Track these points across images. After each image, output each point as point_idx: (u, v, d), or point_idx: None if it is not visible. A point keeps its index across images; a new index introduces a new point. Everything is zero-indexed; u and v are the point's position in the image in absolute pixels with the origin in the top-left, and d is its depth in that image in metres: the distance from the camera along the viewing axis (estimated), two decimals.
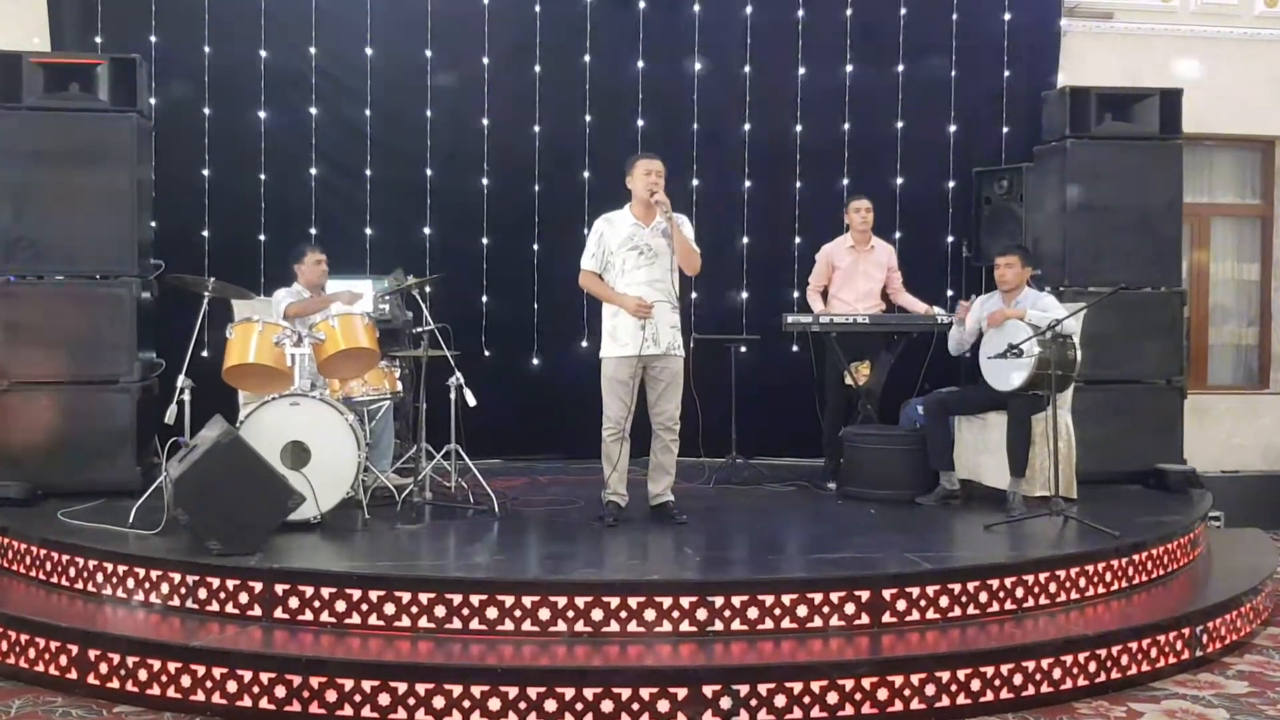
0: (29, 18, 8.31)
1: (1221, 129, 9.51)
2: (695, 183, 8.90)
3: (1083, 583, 5.65)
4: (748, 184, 9.03)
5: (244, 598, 5.22)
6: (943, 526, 6.59)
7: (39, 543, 5.93)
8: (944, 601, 5.27)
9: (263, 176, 8.59)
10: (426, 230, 8.77)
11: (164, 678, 4.82)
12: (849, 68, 9.02)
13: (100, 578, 5.57)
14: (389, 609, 5.06)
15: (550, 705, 4.56)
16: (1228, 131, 9.60)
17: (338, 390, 6.76)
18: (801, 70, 8.99)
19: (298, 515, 5.87)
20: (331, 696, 4.63)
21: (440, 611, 5.03)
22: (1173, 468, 7.78)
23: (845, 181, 8.98)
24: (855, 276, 7.98)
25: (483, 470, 6.95)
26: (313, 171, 8.65)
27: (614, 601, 5.01)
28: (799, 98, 9.01)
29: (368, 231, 8.72)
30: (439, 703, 4.58)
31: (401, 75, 8.74)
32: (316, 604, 5.12)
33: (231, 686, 4.72)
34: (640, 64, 8.90)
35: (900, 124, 9.04)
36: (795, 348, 8.82)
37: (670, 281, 6.37)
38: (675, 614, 5.03)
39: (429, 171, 8.77)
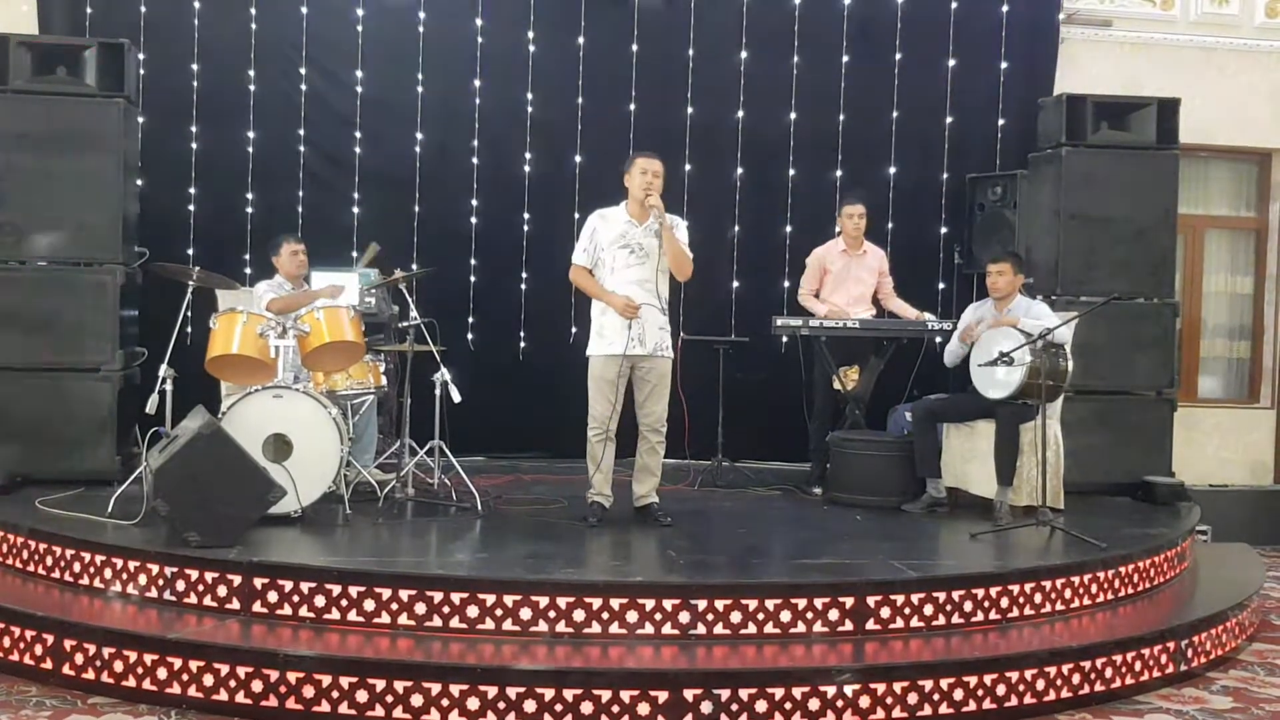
0: None
1: (1218, 140, 9.49)
2: (687, 169, 8.83)
3: (1068, 594, 5.62)
4: (739, 173, 8.98)
5: (222, 590, 5.17)
6: (928, 534, 6.57)
7: (16, 530, 5.87)
8: (928, 610, 5.23)
9: (250, 150, 8.56)
10: (415, 208, 8.73)
11: (140, 669, 4.77)
12: (845, 59, 8.97)
13: (77, 567, 5.52)
14: (369, 605, 5.01)
15: (529, 706, 4.52)
16: (1225, 143, 9.58)
17: (321, 383, 6.70)
18: (796, 60, 8.95)
19: (278, 509, 5.81)
20: (309, 692, 4.58)
21: (420, 609, 4.99)
22: (1161, 480, 7.76)
23: (839, 174, 8.95)
24: (847, 280, 7.95)
25: (466, 467, 6.90)
26: (301, 148, 8.63)
27: (596, 602, 4.97)
28: (794, 88, 8.96)
29: (355, 210, 8.67)
30: (417, 701, 4.54)
31: (393, 47, 8.68)
32: (295, 598, 5.07)
33: (208, 680, 4.68)
34: (635, 48, 8.84)
35: (894, 129, 9.00)
36: (784, 350, 8.79)
37: (659, 282, 6.32)
38: (658, 616, 4.99)
39: (418, 149, 8.72)
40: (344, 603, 5.03)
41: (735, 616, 5.02)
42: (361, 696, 4.55)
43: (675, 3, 8.89)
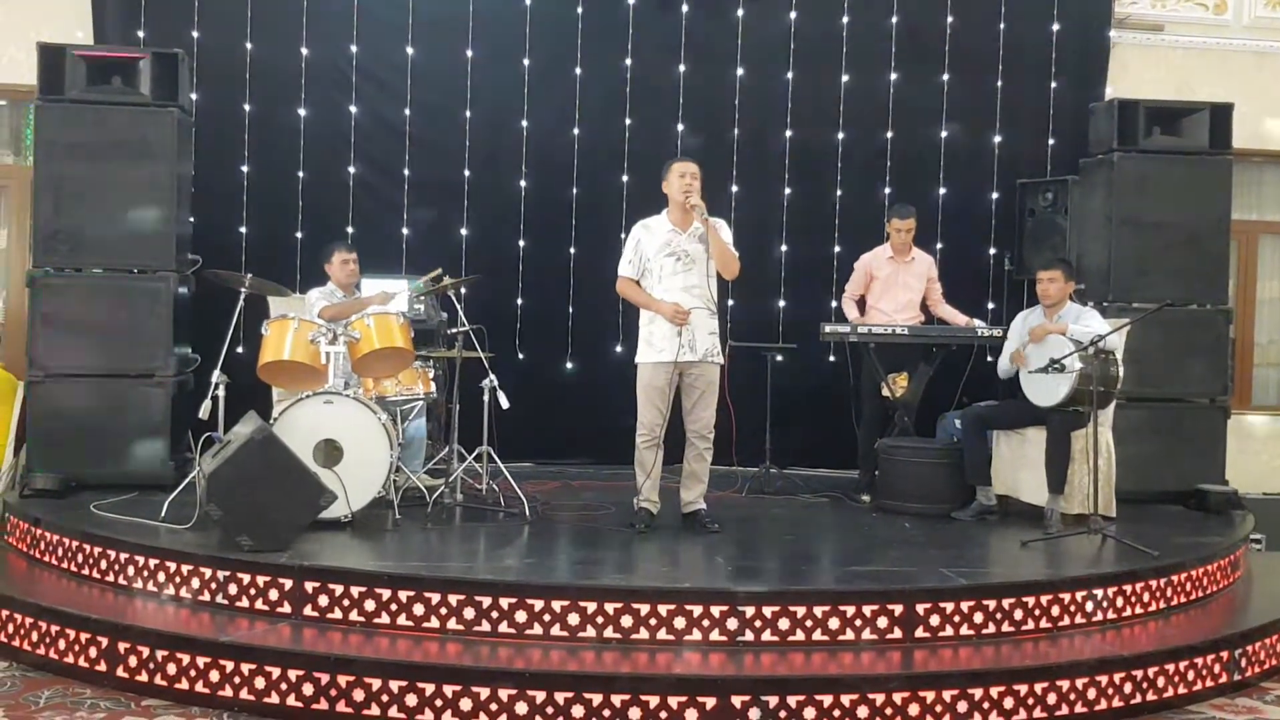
0: (73, 10, 8.38)
1: (1272, 145, 9.38)
2: (735, 189, 8.83)
3: (1120, 603, 5.56)
4: (788, 191, 8.95)
5: (274, 594, 5.22)
6: (978, 542, 6.52)
7: (71, 534, 5.96)
8: (978, 618, 5.19)
9: (301, 174, 8.63)
10: (463, 230, 8.77)
11: (193, 672, 4.83)
12: (893, 76, 8.94)
13: (131, 571, 5.58)
14: (418, 609, 5.04)
15: (578, 711, 4.53)
16: (1279, 148, 9.45)
17: (371, 389, 6.76)
18: (845, 77, 8.92)
19: (329, 513, 5.87)
20: (359, 695, 4.62)
21: (469, 613, 5.01)
22: (1214, 488, 7.67)
23: (887, 191, 8.91)
24: (895, 287, 7.90)
25: (514, 473, 6.92)
26: (351, 169, 8.69)
27: (644, 608, 4.97)
28: (842, 105, 8.93)
29: (404, 231, 8.72)
30: (466, 705, 4.56)
31: (442, 74, 8.73)
32: (346, 602, 5.11)
33: (259, 683, 4.73)
34: (682, 68, 8.85)
35: (944, 134, 8.97)
36: (832, 357, 8.76)
37: (708, 287, 6.31)
38: (705, 623, 4.98)
39: (467, 172, 8.77)
40: (394, 607, 5.06)
41: (783, 623, 5.01)
42: (411, 700, 4.58)
43: (722, 22, 8.88)
